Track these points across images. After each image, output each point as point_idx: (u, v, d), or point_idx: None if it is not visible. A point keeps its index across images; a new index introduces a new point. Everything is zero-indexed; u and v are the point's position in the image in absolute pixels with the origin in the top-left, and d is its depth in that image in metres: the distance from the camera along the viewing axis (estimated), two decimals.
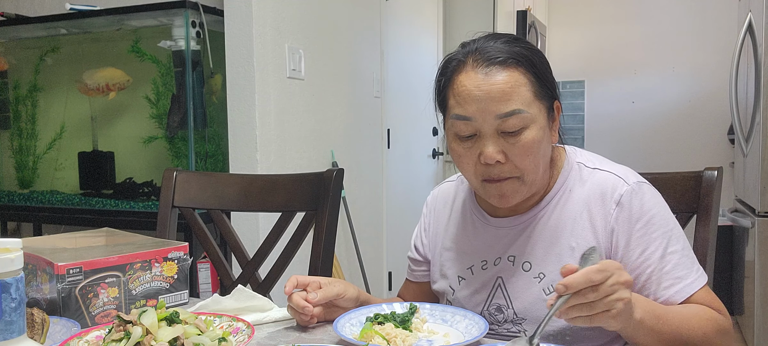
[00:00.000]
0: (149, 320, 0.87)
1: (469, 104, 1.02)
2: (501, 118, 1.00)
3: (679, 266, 1.03)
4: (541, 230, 1.10)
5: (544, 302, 1.08)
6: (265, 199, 1.56)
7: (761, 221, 2.76)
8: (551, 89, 1.07)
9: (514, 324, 1.12)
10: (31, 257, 1.14)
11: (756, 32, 2.85)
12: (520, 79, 1.01)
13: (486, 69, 1.01)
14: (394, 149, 3.72)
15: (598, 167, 1.12)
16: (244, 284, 1.46)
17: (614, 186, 1.07)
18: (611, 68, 5.47)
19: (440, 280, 1.23)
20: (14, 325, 0.69)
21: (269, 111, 2.50)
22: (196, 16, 2.53)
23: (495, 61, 1.01)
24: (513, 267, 1.12)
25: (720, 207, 1.27)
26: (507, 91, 1.00)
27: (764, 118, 2.74)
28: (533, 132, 1.02)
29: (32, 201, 2.97)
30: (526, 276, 1.11)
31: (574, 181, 1.11)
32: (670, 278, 1.01)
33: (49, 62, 2.99)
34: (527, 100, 1.01)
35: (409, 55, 4.01)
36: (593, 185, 1.09)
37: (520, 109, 1.00)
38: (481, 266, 1.16)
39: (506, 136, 1.02)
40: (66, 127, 2.98)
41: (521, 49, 1.04)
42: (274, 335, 1.07)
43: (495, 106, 1.00)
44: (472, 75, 1.02)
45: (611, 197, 1.06)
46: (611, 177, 1.09)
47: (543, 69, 1.05)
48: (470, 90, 1.02)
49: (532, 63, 1.03)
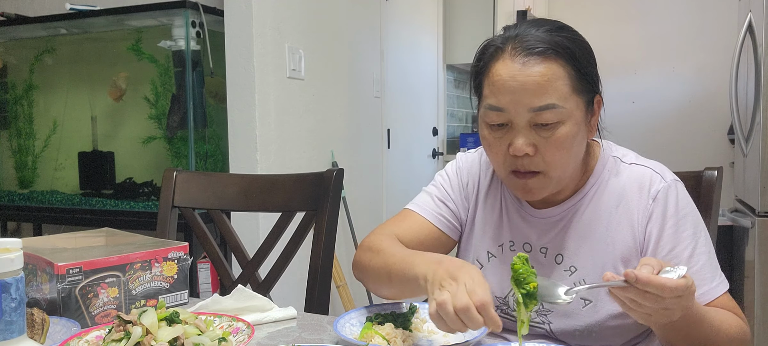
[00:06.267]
0: (149, 320, 0.86)
1: (503, 95, 0.98)
2: (535, 111, 0.97)
3: (706, 269, 1.02)
4: (576, 224, 1.09)
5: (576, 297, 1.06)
6: (265, 199, 1.56)
7: (761, 221, 2.76)
8: (593, 83, 1.03)
9: (539, 315, 1.10)
10: (31, 257, 1.14)
11: (756, 32, 2.85)
12: (559, 72, 0.97)
13: (524, 59, 0.97)
14: (394, 149, 3.72)
15: (634, 162, 1.11)
16: (244, 284, 1.46)
17: (651, 181, 1.07)
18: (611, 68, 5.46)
19: (469, 252, 1.18)
20: (14, 325, 0.69)
21: (269, 111, 2.50)
22: (196, 16, 2.53)
23: (533, 52, 0.97)
24: (545, 259, 1.11)
25: (720, 207, 1.27)
26: (543, 84, 0.96)
27: (764, 118, 2.74)
28: (568, 127, 0.99)
29: (32, 201, 2.97)
30: (557, 269, 1.09)
31: (610, 174, 1.10)
32: (697, 279, 0.99)
33: (48, 62, 2.99)
34: (564, 94, 0.98)
35: (409, 55, 4.01)
36: (630, 178, 1.08)
37: (554, 104, 0.97)
38: (510, 247, 1.14)
39: (539, 129, 0.99)
40: (66, 127, 2.98)
41: (563, 40, 0.99)
42: (274, 335, 1.07)
43: (529, 98, 0.97)
44: (509, 64, 0.98)
45: (648, 192, 1.06)
46: (648, 172, 1.08)
47: (585, 62, 1.01)
48: (505, 80, 0.98)
49: (574, 55, 0.99)
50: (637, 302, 0.83)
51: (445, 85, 4.60)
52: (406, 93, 3.92)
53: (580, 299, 1.06)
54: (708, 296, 1.02)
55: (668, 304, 0.83)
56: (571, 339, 1.08)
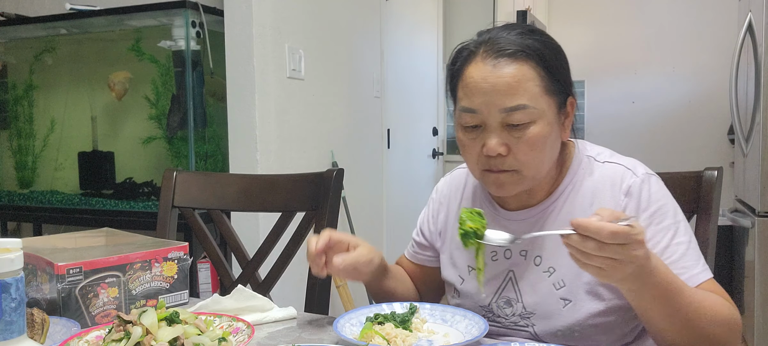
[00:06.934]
0: (149, 320, 0.86)
1: (475, 96, 1.02)
2: (506, 111, 1.00)
3: (686, 257, 1.02)
4: (552, 225, 1.10)
5: (554, 296, 1.07)
6: (265, 199, 1.56)
7: (761, 221, 2.76)
8: (565, 85, 1.06)
9: (523, 318, 1.11)
10: (31, 257, 1.14)
11: (756, 32, 2.85)
12: (529, 73, 1.00)
13: (495, 61, 1.01)
14: (394, 149, 3.72)
15: (607, 160, 1.12)
16: (244, 284, 1.46)
17: (623, 177, 1.07)
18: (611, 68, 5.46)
19: (449, 268, 1.22)
20: (14, 325, 0.69)
21: (269, 111, 2.50)
22: (196, 16, 2.53)
23: (504, 53, 1.01)
24: (525, 261, 1.12)
25: (720, 207, 1.27)
26: (513, 85, 0.99)
27: (764, 118, 2.74)
28: (539, 127, 1.01)
29: (32, 201, 2.97)
30: (536, 270, 1.10)
31: (585, 174, 1.11)
32: (677, 267, 1.00)
33: (48, 62, 2.99)
34: (534, 95, 1.01)
35: (409, 55, 4.01)
36: (602, 176, 1.09)
37: (525, 105, 1.00)
38: (492, 258, 1.15)
39: (511, 129, 1.01)
40: (66, 127, 2.98)
41: (534, 42, 1.02)
42: (274, 335, 1.07)
43: (500, 99, 1.00)
44: (481, 66, 1.02)
45: (620, 188, 1.07)
46: (620, 169, 1.09)
47: (556, 63, 1.04)
48: (477, 82, 1.01)
49: (544, 57, 1.02)
50: (583, 251, 0.84)
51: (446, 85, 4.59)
52: (406, 93, 3.92)
53: (560, 299, 1.07)
54: (691, 283, 1.01)
55: (612, 252, 0.83)
56: (556, 340, 1.08)
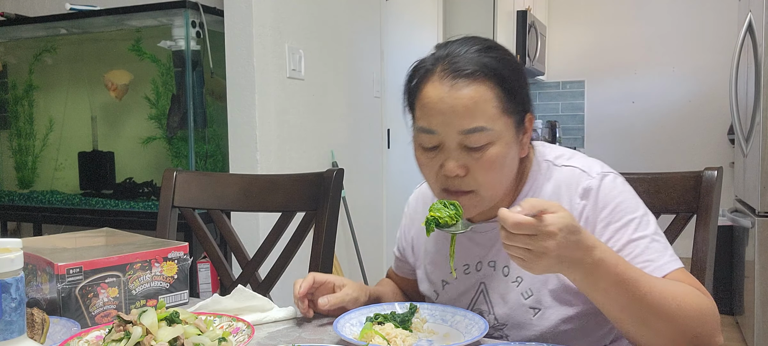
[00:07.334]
0: (149, 320, 0.86)
1: (433, 117, 1.00)
2: (464, 133, 0.98)
3: (649, 251, 1.00)
4: None
5: (524, 307, 1.07)
6: (265, 199, 1.56)
7: (761, 221, 2.76)
8: (523, 102, 1.04)
9: (496, 329, 1.11)
10: (31, 257, 1.14)
11: (756, 32, 2.85)
12: (487, 94, 0.98)
13: (452, 81, 0.99)
14: (394, 149, 3.72)
15: (565, 164, 1.10)
16: (244, 284, 1.46)
17: (579, 180, 1.06)
18: (611, 68, 5.47)
19: (426, 283, 1.23)
20: (14, 325, 0.69)
21: (269, 111, 2.50)
22: (196, 16, 2.53)
23: (462, 74, 0.98)
24: (494, 272, 1.12)
25: (720, 207, 1.27)
26: (471, 107, 0.98)
27: (764, 118, 2.75)
28: (497, 149, 1.00)
29: (32, 201, 2.97)
30: (505, 281, 1.10)
31: (544, 180, 1.10)
32: (639, 262, 0.98)
33: (48, 62, 2.99)
34: (492, 116, 0.99)
35: (409, 55, 3.99)
36: (558, 181, 1.08)
37: (483, 127, 0.98)
38: (464, 271, 1.16)
39: (469, 150, 1.00)
40: (66, 127, 2.98)
41: (492, 60, 1.00)
42: (274, 335, 1.07)
43: (458, 121, 0.98)
44: (438, 86, 1.00)
45: (576, 191, 1.05)
46: (575, 172, 1.07)
47: (514, 82, 1.02)
48: (435, 103, 1.00)
49: (502, 76, 1.00)
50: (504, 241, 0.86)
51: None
52: None
53: (529, 308, 1.07)
54: (657, 275, 0.98)
55: (522, 242, 0.84)
56: None
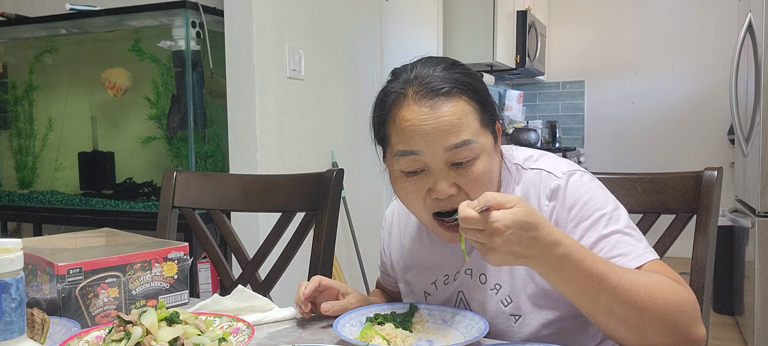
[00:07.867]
0: (149, 321, 0.86)
1: (415, 139, 0.98)
2: (451, 149, 0.97)
3: (621, 245, 0.99)
4: None
5: (503, 314, 1.07)
6: (265, 199, 1.56)
7: (761, 221, 2.76)
8: (493, 113, 1.04)
9: None
10: (31, 257, 1.14)
11: (756, 32, 2.85)
12: (466, 108, 0.98)
13: (430, 101, 0.97)
14: None
15: (532, 166, 1.10)
16: (244, 284, 1.46)
17: (545, 181, 1.06)
18: (611, 68, 5.47)
19: (409, 295, 1.23)
20: (14, 325, 0.69)
21: (269, 111, 2.50)
22: (196, 16, 2.53)
23: (440, 92, 0.98)
24: (471, 280, 1.12)
25: (720, 207, 1.27)
26: (455, 123, 0.97)
27: (764, 118, 2.75)
28: (483, 161, 1.00)
29: (32, 201, 2.97)
30: (483, 289, 1.10)
31: (514, 183, 1.09)
32: (612, 256, 0.97)
33: (48, 62, 2.99)
34: (475, 129, 0.99)
35: (409, 55, 3.97)
36: (526, 185, 1.08)
37: (469, 140, 0.98)
38: (444, 281, 1.16)
39: (457, 168, 0.99)
40: (66, 128, 2.98)
41: (462, 76, 1.01)
42: (274, 335, 1.07)
43: (444, 139, 0.97)
44: (415, 109, 0.98)
45: (543, 193, 1.05)
46: (542, 174, 1.07)
47: (485, 94, 1.03)
48: (416, 125, 0.98)
49: (476, 90, 1.01)
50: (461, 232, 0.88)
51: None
52: None
53: (510, 316, 1.07)
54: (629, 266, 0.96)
55: (473, 236, 0.85)
56: None
